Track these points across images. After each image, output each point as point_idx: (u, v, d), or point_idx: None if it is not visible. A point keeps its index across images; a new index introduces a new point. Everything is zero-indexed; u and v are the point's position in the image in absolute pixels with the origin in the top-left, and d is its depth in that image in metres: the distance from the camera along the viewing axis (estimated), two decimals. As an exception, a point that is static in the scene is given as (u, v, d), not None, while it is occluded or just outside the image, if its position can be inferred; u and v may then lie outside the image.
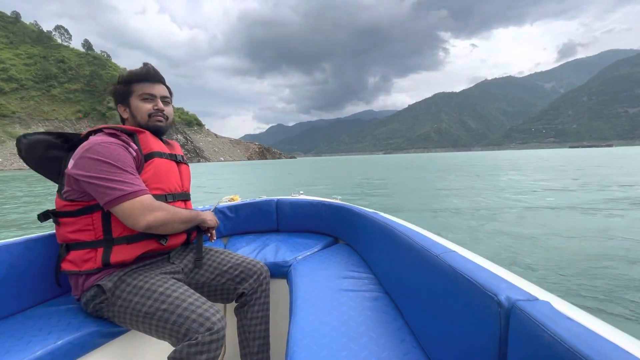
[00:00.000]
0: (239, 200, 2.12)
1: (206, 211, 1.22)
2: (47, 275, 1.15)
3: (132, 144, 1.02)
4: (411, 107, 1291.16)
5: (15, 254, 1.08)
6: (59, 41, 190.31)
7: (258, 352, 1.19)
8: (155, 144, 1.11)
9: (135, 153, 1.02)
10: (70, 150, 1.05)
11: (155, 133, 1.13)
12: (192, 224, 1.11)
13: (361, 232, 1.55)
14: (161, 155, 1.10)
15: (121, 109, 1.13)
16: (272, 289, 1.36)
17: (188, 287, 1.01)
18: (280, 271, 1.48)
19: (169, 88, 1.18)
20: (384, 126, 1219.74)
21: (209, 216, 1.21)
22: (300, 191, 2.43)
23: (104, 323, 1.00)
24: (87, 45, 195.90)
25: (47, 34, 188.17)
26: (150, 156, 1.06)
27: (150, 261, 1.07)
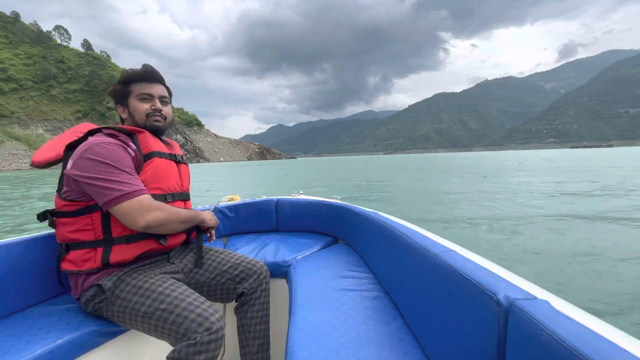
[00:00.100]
0: (238, 200, 2.11)
1: (206, 211, 1.21)
2: (47, 274, 1.15)
3: (131, 144, 1.02)
4: (411, 108, 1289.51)
5: (15, 253, 1.08)
6: (59, 41, 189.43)
7: (258, 352, 1.19)
8: (155, 143, 1.10)
9: (134, 153, 1.02)
10: (70, 150, 1.05)
11: (153, 133, 1.13)
12: (191, 224, 1.10)
13: (361, 231, 1.55)
14: (160, 155, 1.10)
15: (120, 109, 1.13)
16: (271, 288, 1.36)
17: (187, 286, 1.01)
18: (280, 271, 1.49)
19: (168, 88, 1.18)
20: (384, 126, 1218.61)
21: (209, 216, 1.20)
22: (300, 191, 2.40)
23: (103, 322, 1.00)
24: (87, 45, 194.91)
25: (47, 34, 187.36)
26: (150, 156, 1.06)
27: (149, 261, 1.07)
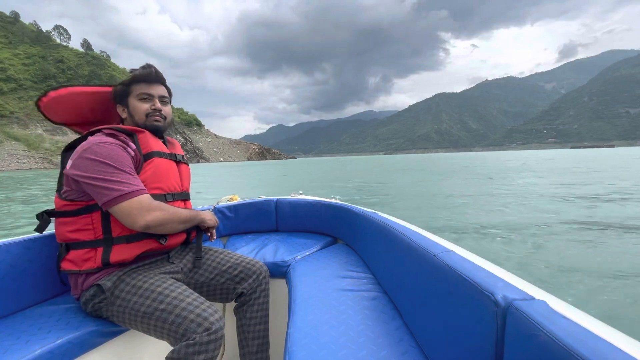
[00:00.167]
0: (238, 200, 2.11)
1: (205, 211, 1.22)
2: (46, 274, 1.15)
3: (131, 143, 1.02)
4: (412, 108, 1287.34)
5: (14, 253, 1.08)
6: (58, 41, 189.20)
7: (257, 352, 1.19)
8: (155, 143, 1.10)
9: (133, 153, 1.02)
10: (70, 150, 1.05)
11: (153, 133, 1.13)
12: (191, 223, 1.10)
13: (360, 232, 1.55)
14: (160, 154, 1.10)
15: (120, 109, 1.13)
16: (271, 288, 1.37)
17: (187, 287, 1.01)
18: (279, 271, 1.49)
19: (168, 88, 1.18)
20: (385, 126, 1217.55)
21: (209, 216, 1.20)
22: (300, 191, 2.40)
23: (103, 322, 1.00)
24: (86, 45, 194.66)
25: (46, 33, 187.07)
26: (150, 156, 1.06)
27: (149, 261, 1.07)
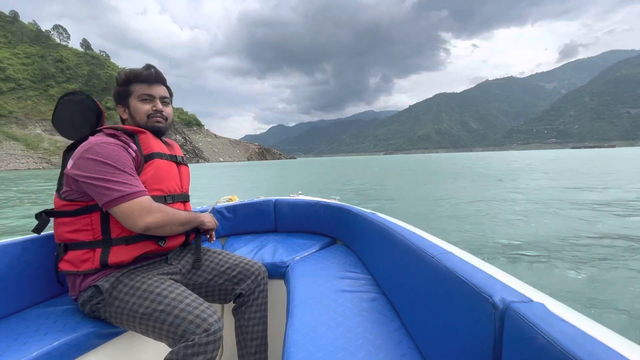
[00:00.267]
0: (237, 200, 2.10)
1: (205, 213, 1.22)
2: (44, 275, 1.14)
3: (132, 144, 1.02)
4: (412, 108, 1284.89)
5: (12, 254, 1.07)
6: (57, 40, 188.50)
7: (255, 353, 1.19)
8: (156, 144, 1.10)
9: (134, 153, 1.01)
10: (70, 150, 1.05)
11: (154, 134, 1.13)
12: (190, 225, 1.10)
13: (359, 232, 1.54)
14: (161, 156, 1.10)
15: (120, 109, 1.13)
16: (269, 289, 1.36)
17: (185, 288, 1.01)
18: (278, 272, 1.48)
19: (169, 89, 1.18)
20: (385, 127, 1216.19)
21: (208, 218, 1.20)
22: (299, 191, 2.39)
23: (100, 324, 0.99)
24: (86, 44, 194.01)
25: (46, 33, 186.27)
26: (151, 157, 1.06)
27: (147, 262, 1.07)
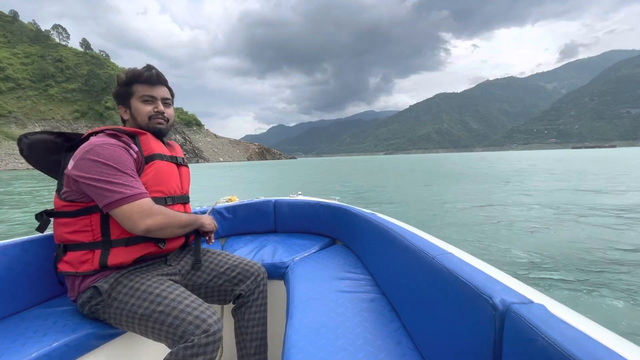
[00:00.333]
0: (236, 200, 2.10)
1: (205, 215, 1.21)
2: (43, 276, 1.14)
3: (133, 145, 1.01)
4: (412, 108, 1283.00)
5: (11, 255, 1.07)
6: (57, 40, 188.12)
7: (255, 354, 1.19)
8: (157, 145, 1.10)
9: (136, 155, 1.01)
10: (71, 150, 1.04)
11: (156, 135, 1.12)
12: (190, 228, 1.10)
13: (359, 233, 1.54)
14: (162, 157, 1.09)
15: (122, 110, 1.12)
16: (269, 290, 1.35)
17: (185, 288, 1.01)
18: (277, 272, 1.48)
19: (170, 89, 1.17)
20: (385, 127, 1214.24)
21: (208, 220, 1.20)
22: (299, 192, 2.40)
23: (100, 325, 0.99)
24: (85, 44, 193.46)
25: (45, 33, 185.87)
26: (151, 158, 1.06)
27: (146, 263, 1.07)
